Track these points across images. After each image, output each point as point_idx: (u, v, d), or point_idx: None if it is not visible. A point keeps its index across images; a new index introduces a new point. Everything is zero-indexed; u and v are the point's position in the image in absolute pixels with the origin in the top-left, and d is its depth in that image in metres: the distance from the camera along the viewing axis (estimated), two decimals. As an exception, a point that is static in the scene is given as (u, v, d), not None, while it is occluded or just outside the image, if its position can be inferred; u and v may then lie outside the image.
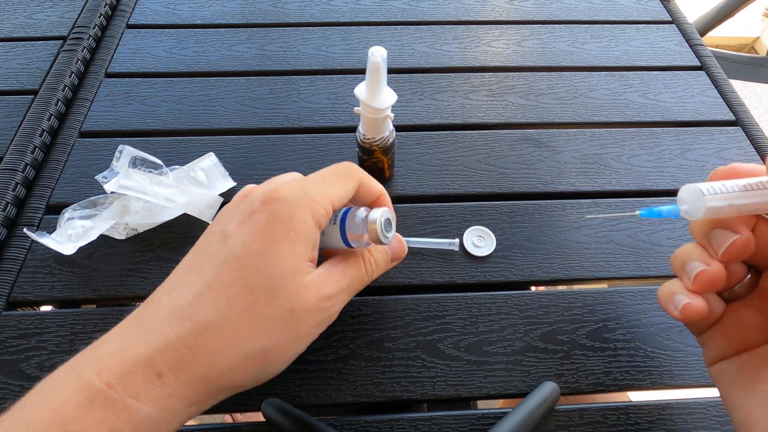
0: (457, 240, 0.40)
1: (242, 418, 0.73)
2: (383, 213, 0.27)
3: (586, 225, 0.41)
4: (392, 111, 0.36)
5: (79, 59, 0.52)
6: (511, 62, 0.55)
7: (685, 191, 0.26)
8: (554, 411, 0.32)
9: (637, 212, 0.27)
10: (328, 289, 0.26)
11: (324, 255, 0.31)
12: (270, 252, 0.24)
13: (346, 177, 0.28)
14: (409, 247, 0.41)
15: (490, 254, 0.39)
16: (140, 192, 0.38)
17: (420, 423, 0.32)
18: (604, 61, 0.55)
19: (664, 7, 0.62)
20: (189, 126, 0.48)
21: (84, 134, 0.47)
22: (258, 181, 0.44)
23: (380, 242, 0.27)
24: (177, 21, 0.58)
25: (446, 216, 0.41)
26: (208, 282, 0.24)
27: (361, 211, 0.28)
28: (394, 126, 0.40)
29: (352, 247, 0.28)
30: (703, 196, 0.24)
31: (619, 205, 0.42)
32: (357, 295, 0.37)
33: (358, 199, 0.30)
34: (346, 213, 0.29)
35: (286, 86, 0.51)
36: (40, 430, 0.20)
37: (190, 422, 0.32)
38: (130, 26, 0.58)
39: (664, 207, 0.26)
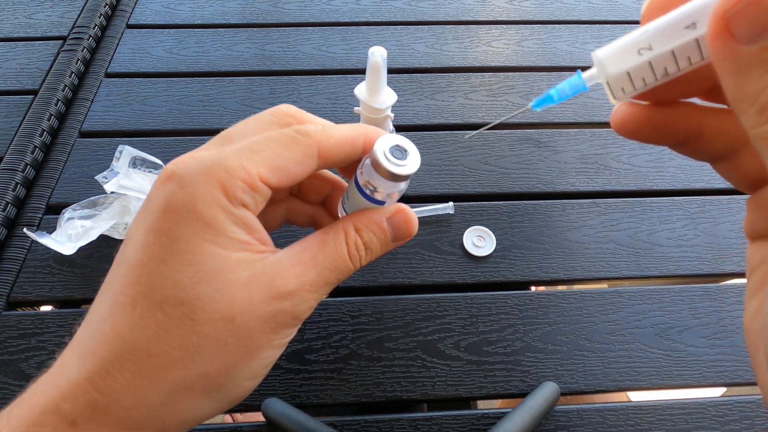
0: (451, 203, 0.41)
1: (242, 418, 0.73)
2: (389, 138, 0.21)
3: (586, 225, 0.41)
4: (392, 111, 0.36)
5: (79, 59, 0.52)
6: (511, 62, 0.55)
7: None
8: (554, 411, 0.32)
9: (529, 106, 0.21)
10: (285, 284, 0.20)
11: None
12: (174, 252, 0.18)
13: (290, 141, 0.20)
14: None
15: (490, 254, 0.39)
16: (140, 192, 0.38)
17: (420, 423, 0.32)
18: (604, 61, 0.55)
19: (664, 7, 0.62)
20: (189, 126, 0.48)
21: (84, 134, 0.47)
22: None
23: (394, 176, 0.21)
24: (177, 21, 0.58)
25: (446, 216, 0.41)
26: (109, 304, 0.19)
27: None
28: (394, 126, 0.40)
29: (380, 203, 0.22)
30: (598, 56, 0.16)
31: (618, 205, 0.42)
32: (357, 296, 0.37)
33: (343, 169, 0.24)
34: None
35: (286, 86, 0.51)
36: None
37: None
38: (130, 26, 0.58)
39: (562, 84, 0.19)
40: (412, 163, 0.21)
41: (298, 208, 0.26)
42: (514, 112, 0.23)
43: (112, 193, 0.39)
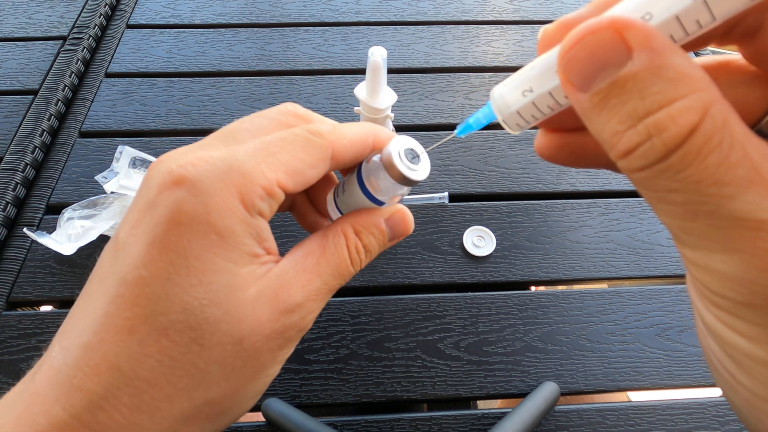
0: (446, 193, 0.41)
1: (242, 417, 0.73)
2: (403, 140, 0.21)
3: (586, 225, 0.41)
4: (392, 111, 0.36)
5: (79, 59, 0.52)
6: (511, 62, 0.55)
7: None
8: (554, 411, 0.32)
9: (454, 133, 0.22)
10: (292, 297, 0.18)
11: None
12: (181, 270, 0.16)
13: (305, 142, 0.19)
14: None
15: (490, 254, 0.39)
16: (140, 192, 0.38)
17: (420, 423, 0.32)
18: (604, 61, 0.55)
19: (664, 7, 0.62)
20: (189, 126, 0.48)
21: (84, 134, 0.47)
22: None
23: (407, 180, 0.20)
24: (177, 21, 0.58)
25: (446, 216, 0.41)
26: (97, 328, 0.17)
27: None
28: (394, 126, 0.40)
29: (381, 203, 0.22)
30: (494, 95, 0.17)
31: (618, 205, 0.42)
32: (357, 296, 0.37)
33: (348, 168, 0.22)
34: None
35: (286, 86, 0.51)
36: None
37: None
38: (130, 26, 0.58)
39: (477, 113, 0.20)
40: (423, 169, 0.21)
41: None
42: (443, 139, 0.24)
43: (112, 193, 0.39)
